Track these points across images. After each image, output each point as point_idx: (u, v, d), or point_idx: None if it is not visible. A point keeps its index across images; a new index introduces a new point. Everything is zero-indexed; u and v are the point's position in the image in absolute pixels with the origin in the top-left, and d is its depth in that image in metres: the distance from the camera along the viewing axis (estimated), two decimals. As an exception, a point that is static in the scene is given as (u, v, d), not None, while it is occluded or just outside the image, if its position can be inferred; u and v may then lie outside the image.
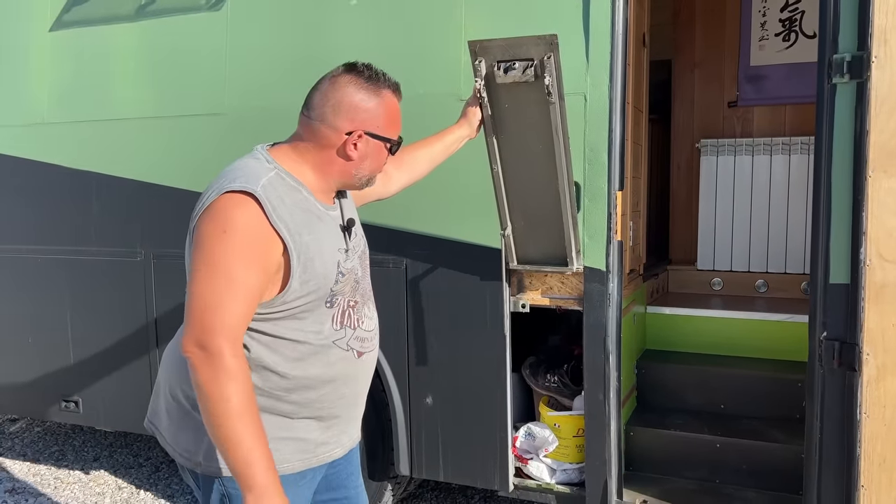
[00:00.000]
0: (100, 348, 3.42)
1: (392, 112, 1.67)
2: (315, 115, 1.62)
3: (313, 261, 1.57)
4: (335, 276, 1.63)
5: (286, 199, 1.56)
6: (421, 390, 2.86)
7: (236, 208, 1.49)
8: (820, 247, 2.28)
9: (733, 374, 3.10)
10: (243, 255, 1.48)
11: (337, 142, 1.61)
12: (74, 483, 3.88)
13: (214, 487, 1.65)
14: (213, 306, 1.45)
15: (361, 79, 1.62)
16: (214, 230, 1.49)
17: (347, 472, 1.89)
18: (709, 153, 3.95)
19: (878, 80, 2.09)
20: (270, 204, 1.51)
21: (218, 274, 1.46)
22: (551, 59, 2.02)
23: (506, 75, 2.08)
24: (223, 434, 1.45)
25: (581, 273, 2.58)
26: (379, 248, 2.76)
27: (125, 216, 3.30)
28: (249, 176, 1.54)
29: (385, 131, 1.66)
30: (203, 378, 1.45)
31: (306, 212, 1.59)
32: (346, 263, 1.67)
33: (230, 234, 1.48)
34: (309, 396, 1.64)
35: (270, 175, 1.56)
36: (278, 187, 1.56)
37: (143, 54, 3.23)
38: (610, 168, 2.51)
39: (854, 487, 2.22)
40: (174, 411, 1.66)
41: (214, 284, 1.46)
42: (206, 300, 1.46)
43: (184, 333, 1.48)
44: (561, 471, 2.82)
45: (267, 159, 1.61)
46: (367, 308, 1.76)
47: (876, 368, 2.17)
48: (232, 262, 1.47)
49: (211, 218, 1.50)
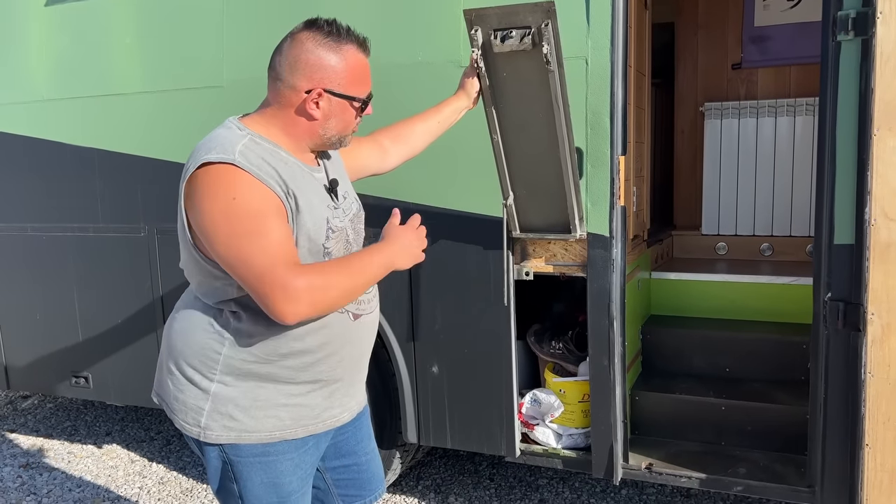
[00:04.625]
0: (107, 324, 3.45)
1: (355, 68, 1.61)
2: (275, 74, 1.61)
3: (302, 214, 1.57)
4: (325, 231, 1.62)
5: (267, 160, 1.56)
6: (427, 360, 2.88)
7: (228, 175, 1.50)
8: (824, 207, 2.27)
9: (738, 338, 3.11)
10: (260, 211, 1.49)
11: (297, 101, 1.59)
12: (87, 457, 3.94)
13: (217, 454, 1.67)
14: (267, 267, 1.46)
15: (320, 34, 1.58)
16: (223, 203, 1.49)
17: (357, 438, 1.90)
18: (713, 116, 3.91)
19: (883, 36, 2.06)
20: (253, 166, 1.51)
21: (252, 237, 1.48)
22: (549, 26, 1.98)
23: (503, 44, 2.04)
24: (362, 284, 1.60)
25: (585, 240, 2.57)
26: (382, 221, 2.76)
27: (127, 192, 3.30)
28: (224, 145, 1.54)
29: (347, 89, 1.61)
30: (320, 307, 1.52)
31: (287, 169, 1.58)
32: (335, 221, 1.66)
33: (240, 199, 1.49)
34: (306, 360, 1.65)
35: (244, 141, 1.56)
36: (256, 150, 1.56)
37: (141, 27, 3.20)
38: (612, 133, 2.49)
39: (858, 447, 2.23)
40: (176, 382, 1.68)
41: (256, 248, 1.47)
42: (258, 268, 1.47)
43: (265, 307, 1.49)
44: (567, 436, 2.85)
45: (238, 127, 1.60)
46: None
47: (881, 328, 2.16)
48: (257, 220, 1.48)
49: (210, 195, 1.50)
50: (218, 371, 1.63)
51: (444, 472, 3.56)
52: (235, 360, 1.62)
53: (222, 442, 1.64)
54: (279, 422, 1.64)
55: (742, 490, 2.59)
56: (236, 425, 1.63)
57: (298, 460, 1.70)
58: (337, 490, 1.91)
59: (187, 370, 1.66)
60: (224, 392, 1.63)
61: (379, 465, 1.99)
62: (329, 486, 1.91)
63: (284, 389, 1.65)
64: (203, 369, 1.64)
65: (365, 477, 1.94)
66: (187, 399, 1.66)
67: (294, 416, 1.67)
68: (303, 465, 1.71)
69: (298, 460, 1.70)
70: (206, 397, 1.63)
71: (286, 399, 1.65)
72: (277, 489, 1.68)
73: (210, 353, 1.63)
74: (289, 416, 1.66)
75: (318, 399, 1.70)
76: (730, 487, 2.60)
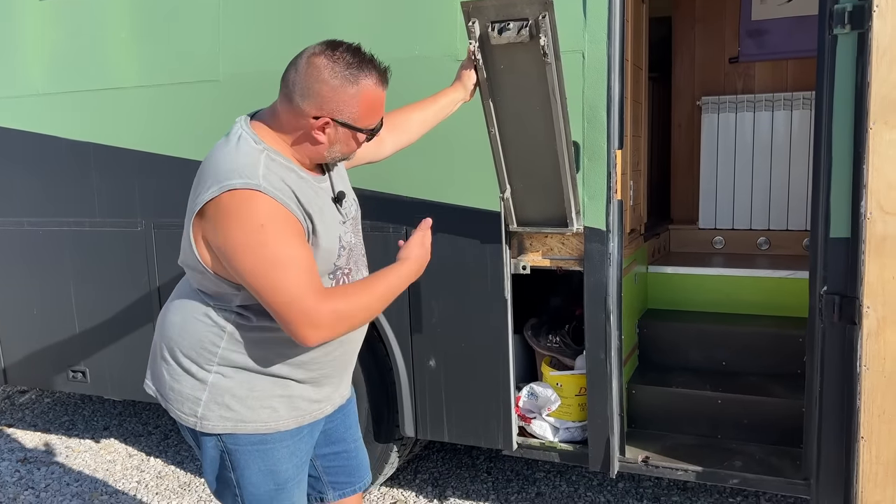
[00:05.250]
0: (104, 318, 3.44)
1: (369, 102, 1.56)
2: (287, 92, 1.57)
3: (319, 237, 1.59)
4: (338, 250, 1.65)
5: (286, 181, 1.55)
6: (424, 353, 2.88)
7: (253, 202, 1.49)
8: (820, 201, 2.27)
9: (734, 332, 3.11)
10: (287, 237, 1.50)
11: (304, 125, 1.56)
12: (85, 451, 3.94)
13: (214, 444, 1.69)
14: (295, 297, 1.49)
15: (340, 65, 1.52)
16: (251, 230, 1.48)
17: (345, 426, 1.95)
18: (710, 110, 3.91)
19: (879, 30, 2.06)
20: (277, 191, 1.51)
21: (281, 266, 1.48)
22: (546, 18, 1.98)
23: (500, 36, 2.03)
24: (383, 307, 1.64)
25: (581, 233, 2.58)
26: (379, 214, 2.76)
27: (124, 186, 3.29)
28: (245, 168, 1.51)
29: (357, 121, 1.57)
30: (341, 331, 1.56)
31: (303, 190, 1.58)
32: (346, 237, 1.69)
33: (267, 226, 1.48)
34: (301, 360, 1.68)
35: (262, 158, 1.54)
36: (275, 171, 1.55)
37: (136, 21, 3.19)
38: (609, 127, 2.48)
39: (854, 439, 2.24)
40: (172, 372, 1.69)
41: (284, 276, 1.48)
42: (286, 297, 1.49)
43: (288, 331, 1.52)
44: (564, 429, 2.85)
45: (254, 140, 1.57)
46: (359, 273, 1.78)
47: (876, 321, 2.17)
48: (286, 249, 1.49)
49: (236, 222, 1.49)
50: (216, 363, 1.64)
51: (441, 465, 3.57)
52: (234, 353, 1.63)
53: (219, 431, 1.65)
54: (274, 412, 1.66)
55: (738, 483, 2.59)
56: (233, 415, 1.64)
57: (294, 448, 1.72)
58: (327, 477, 1.94)
59: (184, 361, 1.66)
60: (221, 382, 1.64)
61: (365, 455, 2.03)
62: (320, 474, 1.94)
63: (280, 383, 1.68)
64: (200, 360, 1.64)
65: (353, 464, 1.98)
66: (183, 389, 1.66)
67: (289, 407, 1.69)
68: (298, 452, 1.74)
69: (294, 448, 1.72)
70: (203, 387, 1.64)
71: (281, 391, 1.67)
72: (275, 476, 1.70)
73: (208, 345, 1.64)
74: (283, 406, 1.68)
75: (308, 394, 1.73)
76: (726, 480, 2.61)
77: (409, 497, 3.28)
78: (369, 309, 1.60)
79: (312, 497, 1.98)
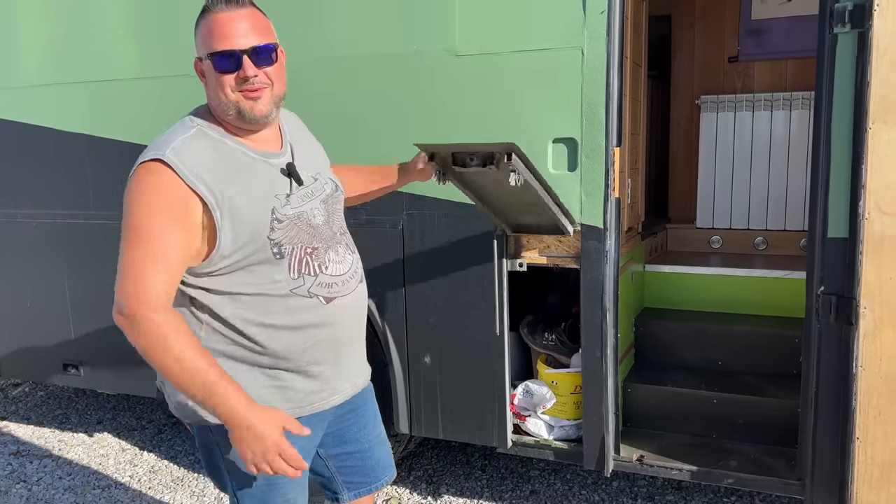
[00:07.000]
0: (98, 312, 3.43)
1: (211, 26, 1.60)
2: None
3: (241, 211, 1.56)
4: (269, 223, 1.59)
5: (205, 155, 1.56)
6: (419, 350, 2.87)
7: (148, 175, 1.52)
8: (818, 201, 2.26)
9: (731, 331, 3.11)
10: (160, 216, 1.50)
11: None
12: (78, 445, 3.93)
13: (205, 436, 1.69)
14: (136, 275, 1.49)
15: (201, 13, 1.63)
16: (131, 199, 1.52)
17: (359, 425, 1.88)
18: (709, 109, 3.90)
19: (879, 29, 2.05)
20: (184, 165, 1.52)
21: (140, 238, 1.50)
22: (513, 157, 1.91)
23: (465, 168, 1.98)
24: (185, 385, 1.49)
25: (578, 231, 2.57)
26: (375, 208, 2.75)
27: (118, 179, 3.26)
28: (162, 142, 1.56)
29: (204, 49, 1.63)
30: (139, 344, 1.49)
31: (231, 163, 1.58)
32: (286, 209, 1.62)
33: (145, 200, 1.51)
34: (280, 346, 1.64)
35: (187, 135, 1.58)
36: (196, 145, 1.56)
37: (133, 13, 3.17)
38: (608, 124, 2.47)
39: (849, 440, 2.24)
40: None
41: (135, 251, 1.50)
42: (128, 269, 1.50)
43: (116, 297, 1.52)
44: (559, 427, 2.85)
45: (191, 119, 1.63)
46: (333, 252, 1.71)
47: (873, 322, 2.16)
48: (151, 225, 1.50)
49: (128, 189, 1.54)
50: None
51: (435, 463, 3.56)
52: (215, 344, 1.62)
53: (210, 423, 1.63)
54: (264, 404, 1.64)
55: (732, 482, 2.59)
56: None
57: (291, 441, 1.69)
58: (341, 477, 1.91)
59: None
60: None
61: (387, 452, 1.98)
62: (333, 474, 1.91)
63: (267, 373, 1.66)
64: None
65: (369, 464, 1.93)
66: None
67: (280, 399, 1.66)
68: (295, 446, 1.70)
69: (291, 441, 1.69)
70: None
71: (270, 382, 1.66)
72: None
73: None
74: (275, 397, 1.65)
75: (300, 383, 1.69)
76: (720, 480, 2.60)
77: (404, 494, 3.27)
78: (162, 363, 1.49)
79: (327, 497, 1.95)
